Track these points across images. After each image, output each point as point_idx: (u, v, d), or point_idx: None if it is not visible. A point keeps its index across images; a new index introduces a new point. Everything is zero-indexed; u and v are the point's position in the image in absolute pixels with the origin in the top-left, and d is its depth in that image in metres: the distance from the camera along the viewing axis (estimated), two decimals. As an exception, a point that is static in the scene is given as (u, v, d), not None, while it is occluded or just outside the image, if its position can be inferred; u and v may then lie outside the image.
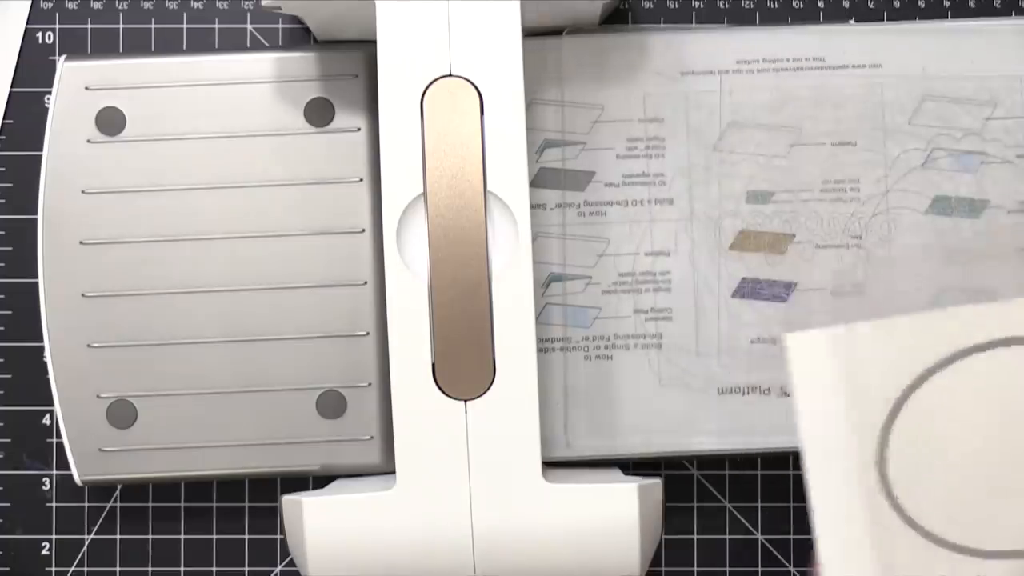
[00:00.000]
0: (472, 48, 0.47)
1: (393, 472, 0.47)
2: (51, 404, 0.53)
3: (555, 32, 0.54)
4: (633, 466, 0.56)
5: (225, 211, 0.53)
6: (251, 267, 0.53)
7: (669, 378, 0.53)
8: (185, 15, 0.57)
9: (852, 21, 0.55)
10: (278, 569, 0.57)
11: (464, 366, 0.47)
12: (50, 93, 0.53)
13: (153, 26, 0.57)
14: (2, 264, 0.56)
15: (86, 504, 0.57)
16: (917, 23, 0.55)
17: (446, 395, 0.47)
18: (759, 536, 0.57)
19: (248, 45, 0.57)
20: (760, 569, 0.57)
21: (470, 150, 0.47)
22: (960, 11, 0.56)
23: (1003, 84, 0.53)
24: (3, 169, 0.57)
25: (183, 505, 0.57)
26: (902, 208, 0.53)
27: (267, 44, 0.57)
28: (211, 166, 0.53)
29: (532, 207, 0.48)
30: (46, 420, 0.57)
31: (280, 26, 0.57)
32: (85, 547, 0.57)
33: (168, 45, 0.57)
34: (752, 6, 0.57)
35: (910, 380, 0.41)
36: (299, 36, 0.57)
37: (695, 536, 0.57)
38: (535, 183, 0.54)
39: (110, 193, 0.53)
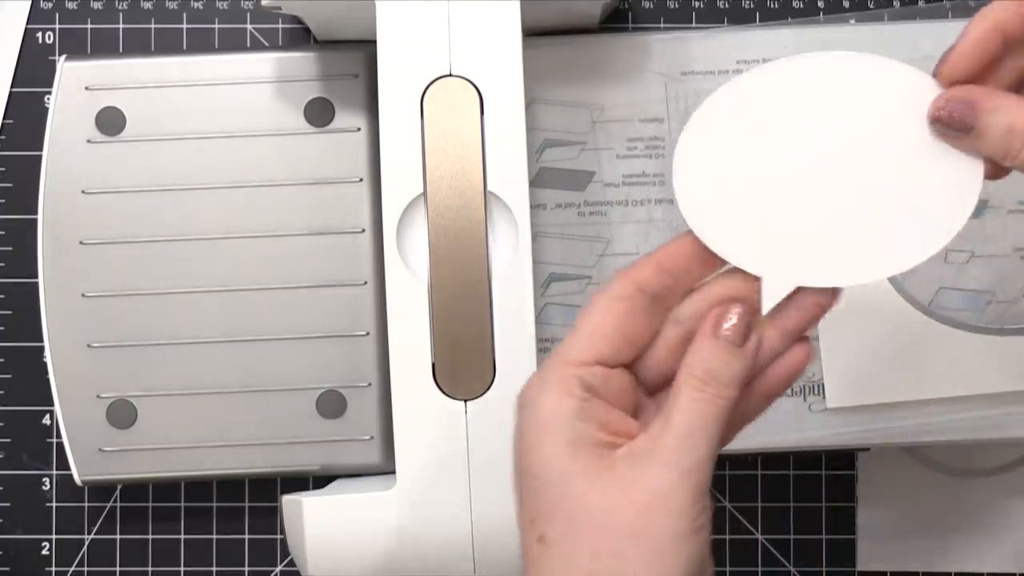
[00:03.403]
0: (472, 48, 0.47)
1: (393, 472, 0.47)
2: (51, 404, 0.53)
3: (555, 32, 0.54)
4: (633, 466, 0.56)
5: (225, 211, 0.53)
6: (251, 267, 0.53)
7: (669, 378, 0.53)
8: (185, 15, 0.57)
9: (852, 21, 0.55)
10: (278, 569, 0.57)
11: (464, 366, 0.47)
12: (50, 93, 0.53)
13: (153, 26, 0.57)
14: (2, 264, 0.56)
15: (86, 504, 0.57)
16: (917, 23, 0.55)
17: (446, 395, 0.47)
18: (759, 536, 0.57)
19: (248, 45, 0.57)
20: (760, 569, 0.57)
21: (470, 150, 0.47)
22: (960, 11, 0.56)
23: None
24: (3, 169, 0.57)
25: (183, 505, 0.57)
26: (902, 208, 0.53)
27: (267, 44, 0.57)
28: (211, 166, 0.53)
29: (532, 207, 0.48)
30: (46, 420, 0.57)
31: (280, 26, 0.57)
32: (85, 547, 0.57)
33: (168, 45, 0.57)
34: (752, 6, 0.57)
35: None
36: (299, 36, 0.57)
37: (695, 536, 0.57)
38: (535, 183, 0.53)
39: (110, 193, 0.53)
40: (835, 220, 0.39)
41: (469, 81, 0.47)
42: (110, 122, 0.53)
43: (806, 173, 0.39)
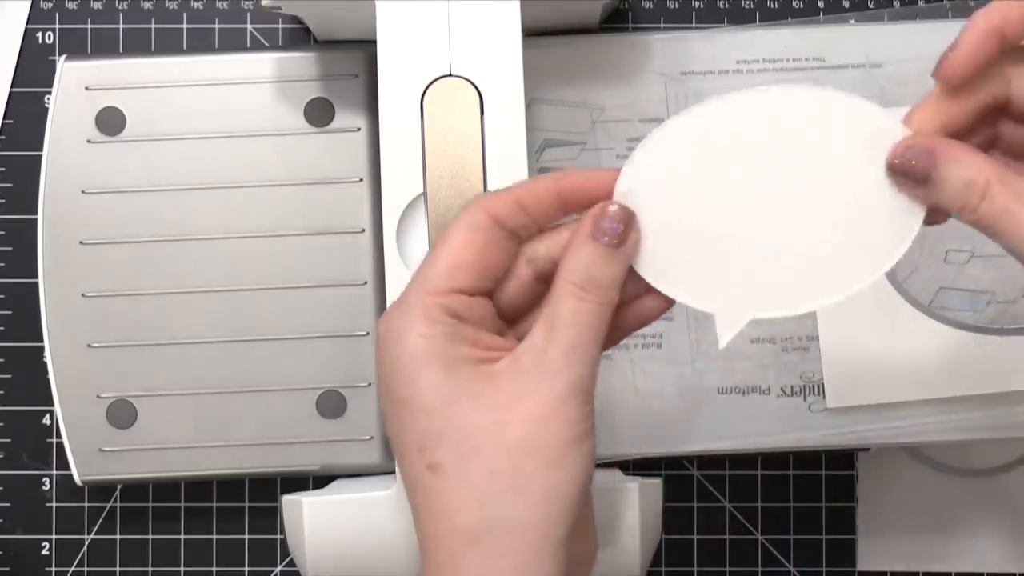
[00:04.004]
0: (472, 48, 0.47)
1: (393, 472, 0.47)
2: (51, 404, 0.53)
3: (555, 32, 0.54)
4: (633, 466, 0.56)
5: (225, 211, 0.53)
6: (251, 267, 0.53)
7: (669, 378, 0.53)
8: (185, 15, 0.57)
9: (852, 21, 0.55)
10: (278, 569, 0.57)
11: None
12: (50, 93, 0.53)
13: (153, 26, 0.57)
14: (2, 264, 0.56)
15: (86, 504, 0.57)
16: (917, 23, 0.55)
17: (446, 395, 0.47)
18: (759, 536, 0.57)
19: (248, 45, 0.57)
20: (760, 569, 0.57)
21: (470, 150, 0.47)
22: (960, 12, 0.56)
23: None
24: (3, 169, 0.57)
25: (183, 505, 0.57)
26: (902, 208, 0.53)
27: (267, 44, 0.57)
28: (211, 166, 0.53)
29: (532, 207, 0.48)
30: (46, 420, 0.57)
31: (280, 26, 0.57)
32: (85, 547, 0.57)
33: (168, 45, 0.57)
34: (752, 6, 0.57)
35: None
36: (299, 36, 0.57)
37: (695, 536, 0.57)
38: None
39: (110, 193, 0.53)
40: (779, 251, 0.39)
41: (469, 81, 0.47)
42: (110, 122, 0.53)
43: (749, 206, 0.39)
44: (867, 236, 0.38)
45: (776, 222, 0.39)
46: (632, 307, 0.40)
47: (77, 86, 0.53)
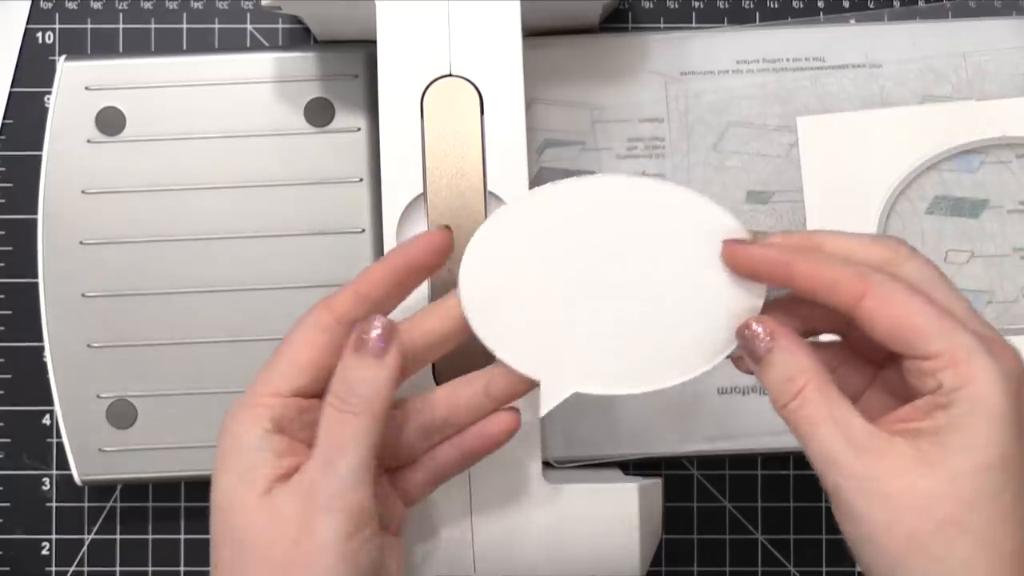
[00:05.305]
0: (472, 48, 0.47)
1: (393, 472, 0.47)
2: (51, 404, 0.53)
3: (555, 32, 0.54)
4: (633, 466, 0.56)
5: (225, 211, 0.53)
6: (251, 267, 0.53)
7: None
8: (185, 15, 0.57)
9: (852, 21, 0.55)
10: (278, 569, 0.57)
11: (464, 366, 0.47)
12: (50, 93, 0.53)
13: (153, 26, 0.57)
14: (2, 264, 0.56)
15: (86, 504, 0.57)
16: (917, 23, 0.55)
17: (446, 395, 0.47)
18: (759, 536, 0.57)
19: (248, 45, 0.57)
20: (760, 569, 0.57)
21: (470, 150, 0.47)
22: (961, 12, 0.56)
23: (1000, 82, 0.53)
24: (3, 169, 0.57)
25: (183, 505, 0.57)
26: (902, 208, 0.53)
27: (267, 44, 0.57)
28: (211, 166, 0.53)
29: (532, 207, 0.48)
30: (46, 420, 0.57)
31: (280, 26, 0.57)
32: (85, 547, 0.57)
33: (168, 45, 0.57)
34: (752, 6, 0.57)
35: None
36: (299, 36, 0.57)
37: (695, 536, 0.57)
38: (535, 183, 0.53)
39: (110, 193, 0.53)
40: (616, 332, 0.40)
41: (469, 81, 0.47)
42: (110, 122, 0.53)
43: (590, 284, 0.40)
44: (703, 329, 0.39)
45: (614, 304, 0.40)
46: (478, 427, 0.41)
47: (77, 86, 0.53)
